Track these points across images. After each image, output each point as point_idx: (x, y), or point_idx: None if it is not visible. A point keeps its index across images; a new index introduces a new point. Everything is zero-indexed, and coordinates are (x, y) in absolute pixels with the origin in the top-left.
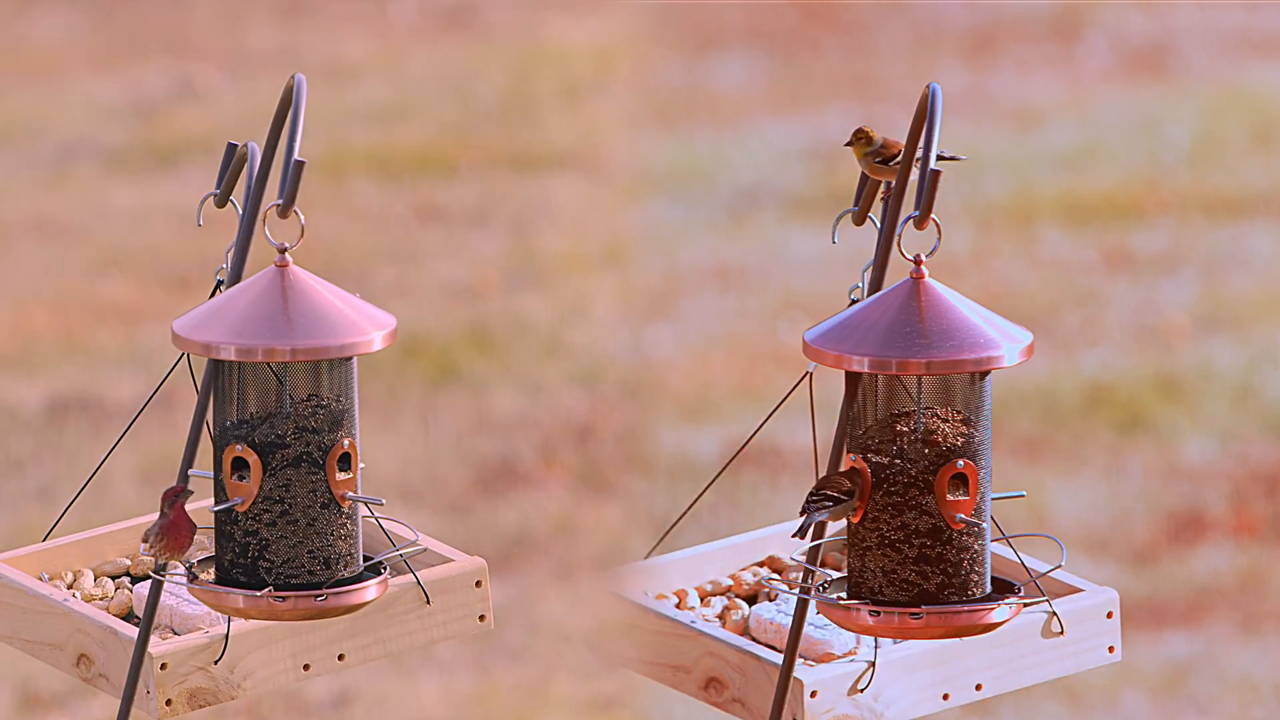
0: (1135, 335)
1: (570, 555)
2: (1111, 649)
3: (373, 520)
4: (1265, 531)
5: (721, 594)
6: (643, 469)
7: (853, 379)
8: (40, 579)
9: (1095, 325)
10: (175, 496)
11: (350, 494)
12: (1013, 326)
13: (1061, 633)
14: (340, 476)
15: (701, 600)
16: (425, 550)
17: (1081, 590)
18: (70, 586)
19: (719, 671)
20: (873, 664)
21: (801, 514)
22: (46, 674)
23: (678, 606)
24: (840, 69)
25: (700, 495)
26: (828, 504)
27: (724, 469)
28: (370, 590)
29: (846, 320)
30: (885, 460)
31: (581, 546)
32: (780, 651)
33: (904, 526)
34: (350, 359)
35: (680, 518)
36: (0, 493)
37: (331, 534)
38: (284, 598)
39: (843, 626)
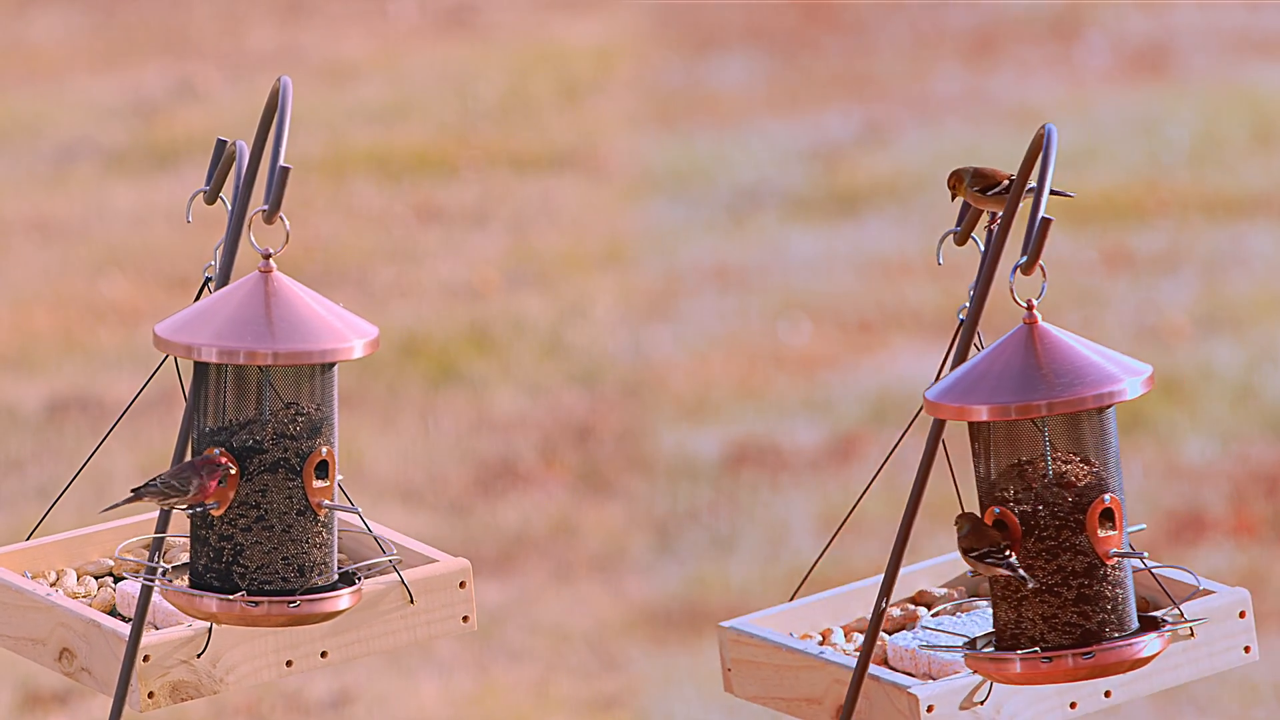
0: (1135, 335)
1: (570, 555)
2: (1248, 649)
3: (358, 527)
4: (1265, 531)
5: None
6: (643, 469)
7: (975, 428)
8: (23, 577)
9: (1095, 325)
10: (215, 467)
11: (327, 502)
12: (1130, 360)
13: (1191, 635)
14: (317, 484)
15: (846, 636)
16: (402, 561)
17: (1212, 592)
18: (53, 585)
19: (844, 698)
20: (991, 684)
21: (972, 573)
22: (46, 673)
23: (821, 644)
24: (840, 69)
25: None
26: (994, 558)
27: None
28: (343, 599)
29: (966, 374)
30: (1028, 508)
31: (581, 546)
32: (911, 675)
33: (1060, 569)
34: (332, 367)
35: (818, 558)
36: (0, 493)
37: (306, 541)
38: (257, 603)
39: (993, 679)
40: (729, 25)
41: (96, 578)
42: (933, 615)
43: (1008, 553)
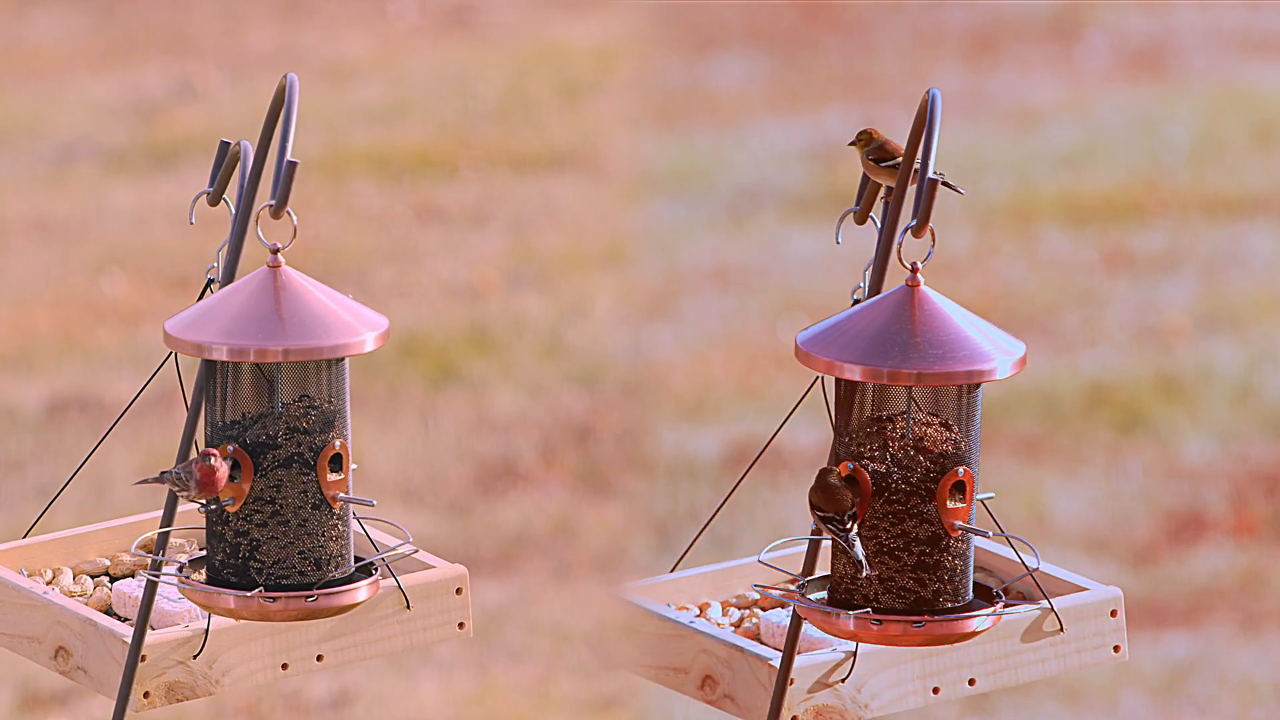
0: (1135, 335)
1: (570, 555)
2: (1117, 648)
3: (368, 521)
4: (1265, 531)
5: (748, 606)
6: (643, 469)
7: (841, 385)
8: (19, 575)
9: (1095, 325)
10: (203, 457)
11: (341, 495)
12: (1007, 338)
13: (1061, 630)
14: (331, 477)
15: (723, 611)
16: (417, 551)
17: (1086, 589)
18: (49, 583)
19: (712, 669)
20: (853, 654)
21: (833, 537)
22: (46, 673)
23: (698, 617)
24: (840, 69)
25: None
26: (846, 524)
27: (739, 481)
28: (361, 591)
29: (839, 324)
30: (883, 468)
31: (581, 546)
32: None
33: (904, 534)
34: (342, 360)
35: (695, 539)
36: (0, 493)
37: (322, 535)
38: (274, 598)
39: (826, 631)
40: (729, 25)
41: (93, 577)
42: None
43: (849, 526)
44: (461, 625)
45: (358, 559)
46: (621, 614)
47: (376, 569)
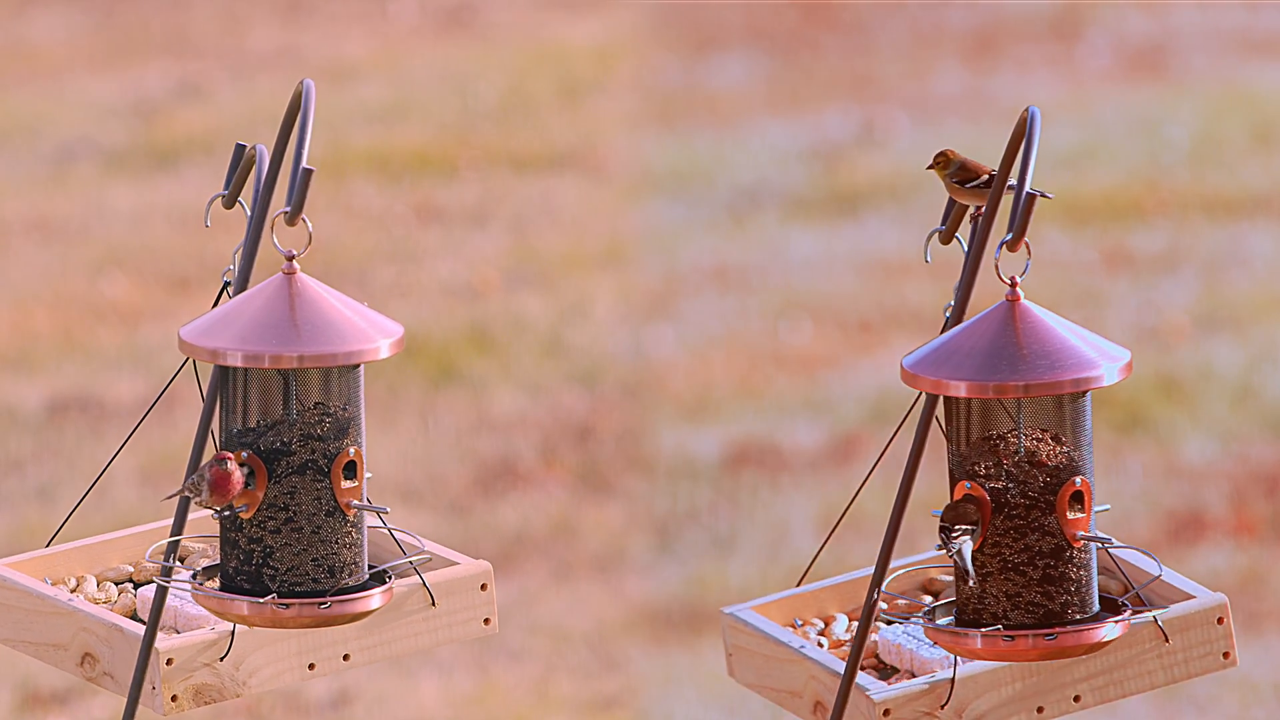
0: (1135, 335)
1: (570, 555)
2: (1226, 655)
3: (381, 529)
4: (1265, 531)
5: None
6: (643, 469)
7: (949, 403)
8: (44, 583)
9: (1094, 325)
10: (218, 461)
11: (355, 502)
12: (1110, 345)
13: (1166, 640)
14: (345, 485)
15: (848, 626)
16: (431, 559)
17: (1193, 597)
18: (74, 591)
19: (821, 696)
20: (952, 681)
21: (939, 546)
22: (46, 673)
23: (822, 633)
24: (840, 69)
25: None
26: (968, 533)
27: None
28: (374, 599)
29: (944, 345)
30: (999, 485)
31: (581, 546)
32: (899, 671)
33: (1027, 549)
34: (357, 367)
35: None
36: (0, 493)
37: (336, 542)
38: (287, 605)
39: (955, 652)
40: (729, 25)
41: (117, 583)
42: (932, 604)
43: (956, 534)
44: (487, 621)
45: (372, 566)
46: (736, 634)
47: (390, 576)
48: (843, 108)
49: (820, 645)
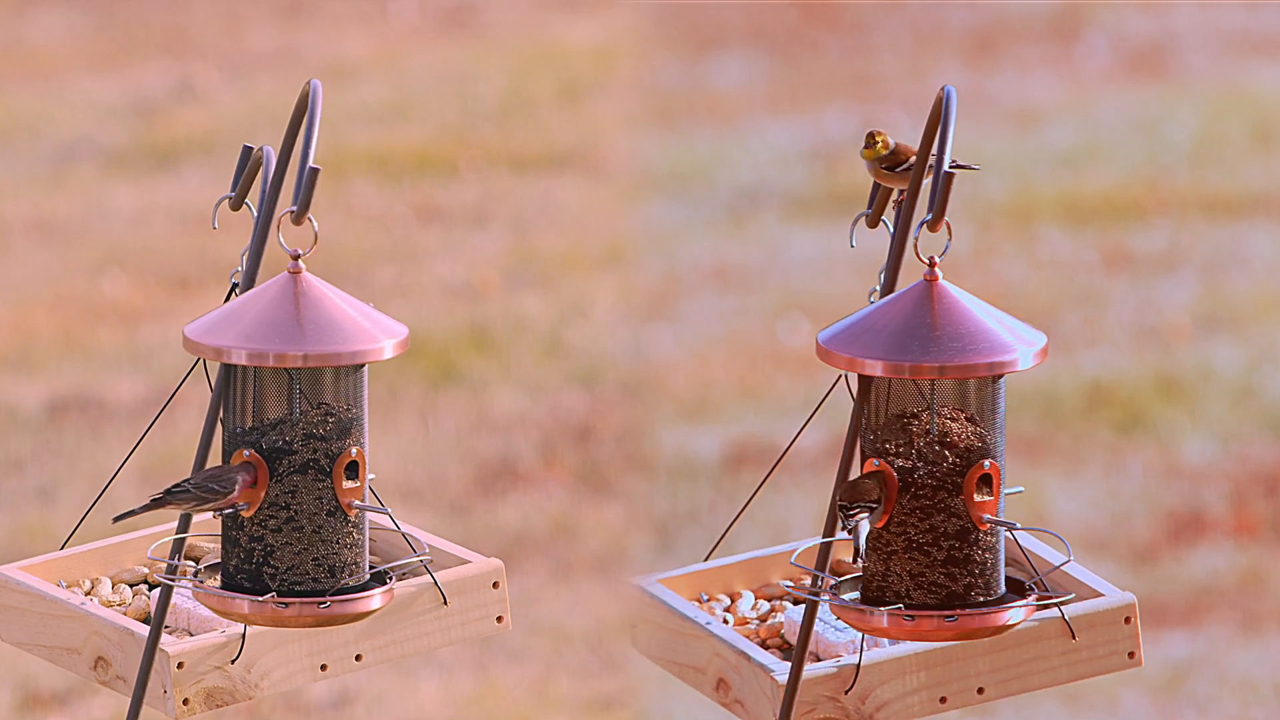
0: (1135, 335)
1: (570, 555)
2: (1132, 654)
3: (389, 528)
4: (1265, 531)
5: (779, 597)
6: (643, 469)
7: (864, 381)
8: (58, 586)
9: (1095, 325)
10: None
11: (357, 502)
12: (1027, 329)
13: (1073, 637)
14: (347, 485)
15: (753, 603)
16: (432, 560)
17: (1101, 594)
18: (88, 594)
19: (724, 673)
20: (858, 666)
21: (843, 527)
22: (47, 673)
23: (728, 609)
24: (840, 69)
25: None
26: (867, 511)
27: (761, 483)
28: (375, 599)
29: (859, 322)
30: (908, 464)
31: (581, 546)
32: (812, 654)
33: (932, 529)
34: (361, 367)
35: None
36: (0, 493)
37: (337, 542)
38: (287, 604)
39: (859, 629)
40: (729, 25)
41: (131, 585)
42: (837, 580)
43: (852, 513)
44: (500, 619)
45: (374, 566)
46: (643, 607)
47: (391, 577)
48: (843, 108)
49: (725, 622)
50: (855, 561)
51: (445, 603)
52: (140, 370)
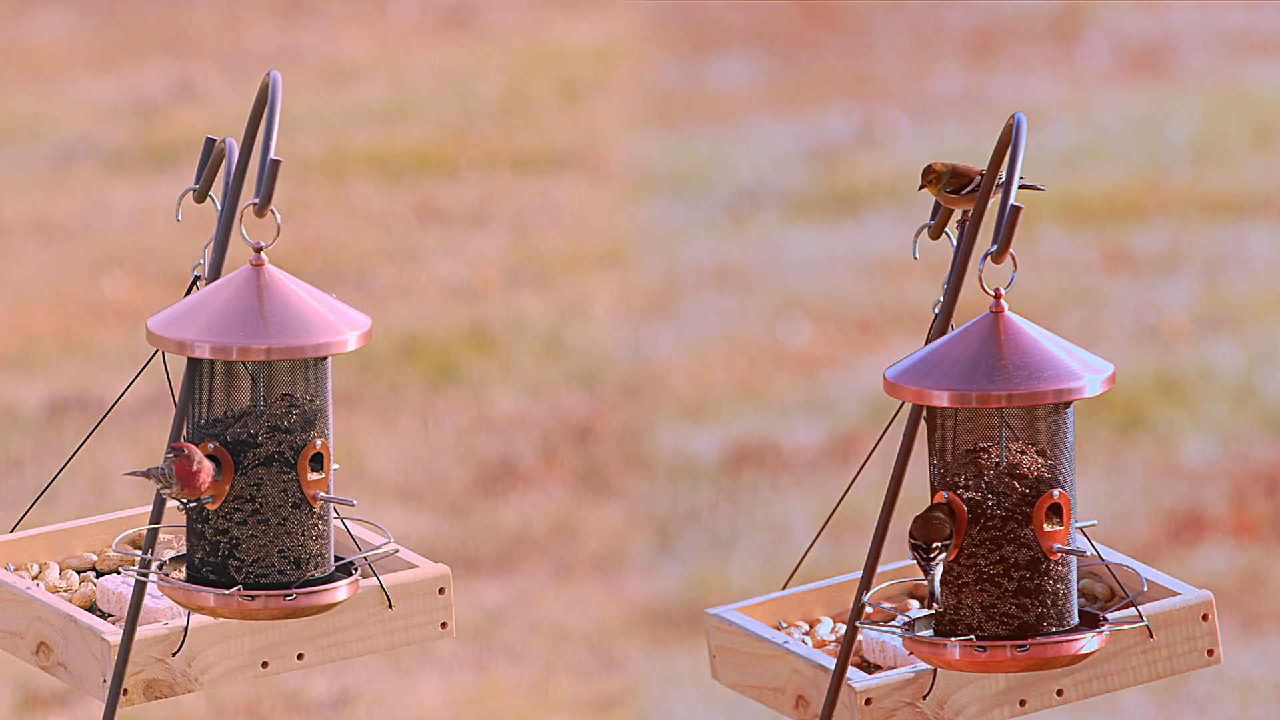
0: (1135, 335)
1: (570, 555)
2: (1210, 652)
3: (356, 523)
4: (1265, 531)
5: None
6: (643, 469)
7: (933, 414)
8: (5, 569)
9: (1095, 325)
10: (174, 453)
11: (322, 494)
12: (1093, 358)
13: (1151, 636)
14: (312, 476)
15: (832, 627)
16: (399, 551)
17: (1178, 594)
18: (35, 578)
19: (803, 689)
20: (935, 672)
21: (920, 568)
22: (46, 673)
23: (806, 634)
24: (840, 69)
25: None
26: (945, 550)
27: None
28: (340, 591)
29: (927, 357)
30: (977, 496)
31: (581, 546)
32: (882, 668)
33: (1003, 560)
34: (325, 359)
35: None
36: (0, 493)
37: (302, 534)
38: (253, 596)
39: (931, 663)
40: (729, 25)
41: (79, 572)
42: (909, 617)
43: (933, 555)
44: (444, 625)
45: (339, 558)
46: (719, 634)
47: (357, 568)
48: (843, 108)
49: (804, 644)
50: (931, 605)
51: (390, 606)
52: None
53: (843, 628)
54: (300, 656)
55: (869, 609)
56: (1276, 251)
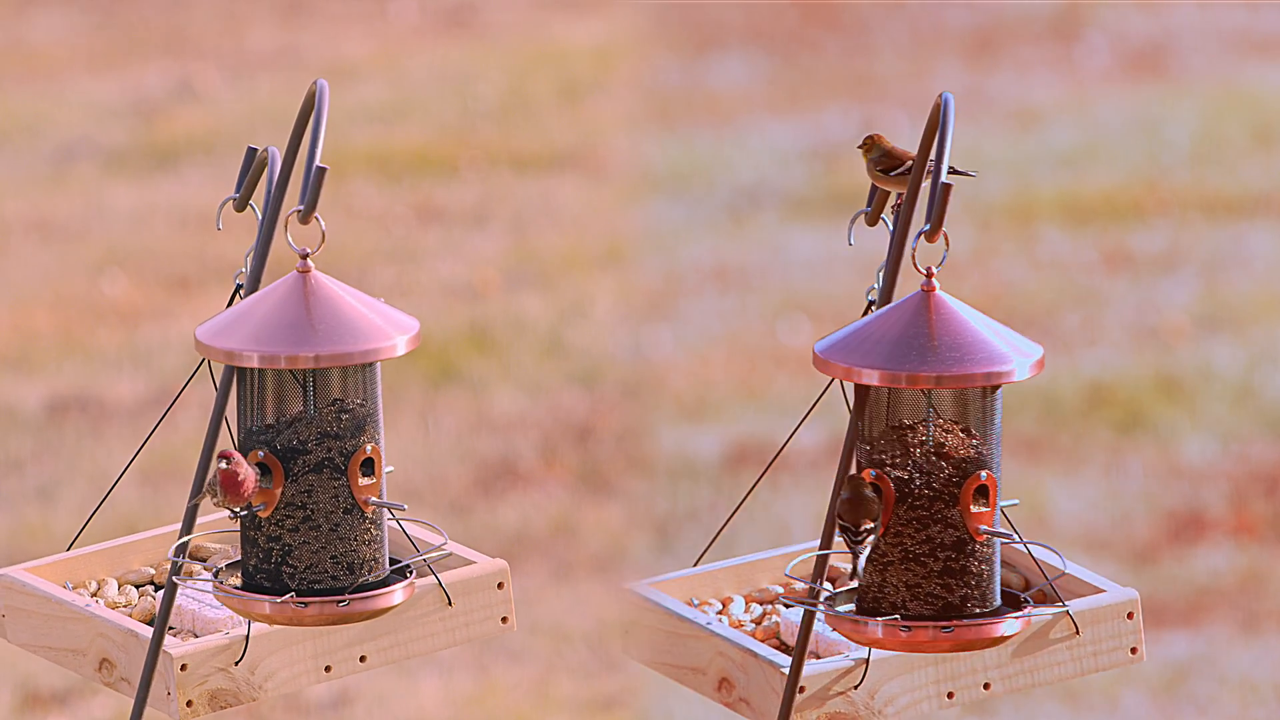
0: (1135, 335)
1: (570, 555)
2: (1134, 650)
3: (396, 524)
4: (1265, 531)
5: (771, 601)
6: (643, 469)
7: (861, 391)
8: (64, 587)
9: (1095, 325)
10: (224, 461)
11: (373, 499)
12: (1024, 340)
13: (1076, 633)
14: (363, 481)
15: (746, 607)
16: (450, 555)
17: (1103, 590)
18: (94, 595)
19: (728, 672)
20: (866, 660)
21: (848, 548)
22: (47, 673)
23: (720, 613)
24: (840, 69)
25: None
26: (871, 535)
27: (756, 483)
28: (395, 595)
29: (857, 332)
30: (905, 475)
31: (581, 546)
32: (812, 653)
33: (929, 540)
34: (374, 364)
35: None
36: (0, 493)
37: (354, 539)
38: (306, 603)
39: (854, 640)
40: (729, 25)
41: (137, 586)
42: (833, 591)
43: (861, 535)
44: (505, 620)
45: (394, 560)
46: (637, 610)
47: (412, 571)
48: (843, 108)
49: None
50: (852, 580)
51: (450, 603)
52: (140, 370)
53: (757, 608)
54: (363, 659)
55: (778, 589)
56: (1276, 251)
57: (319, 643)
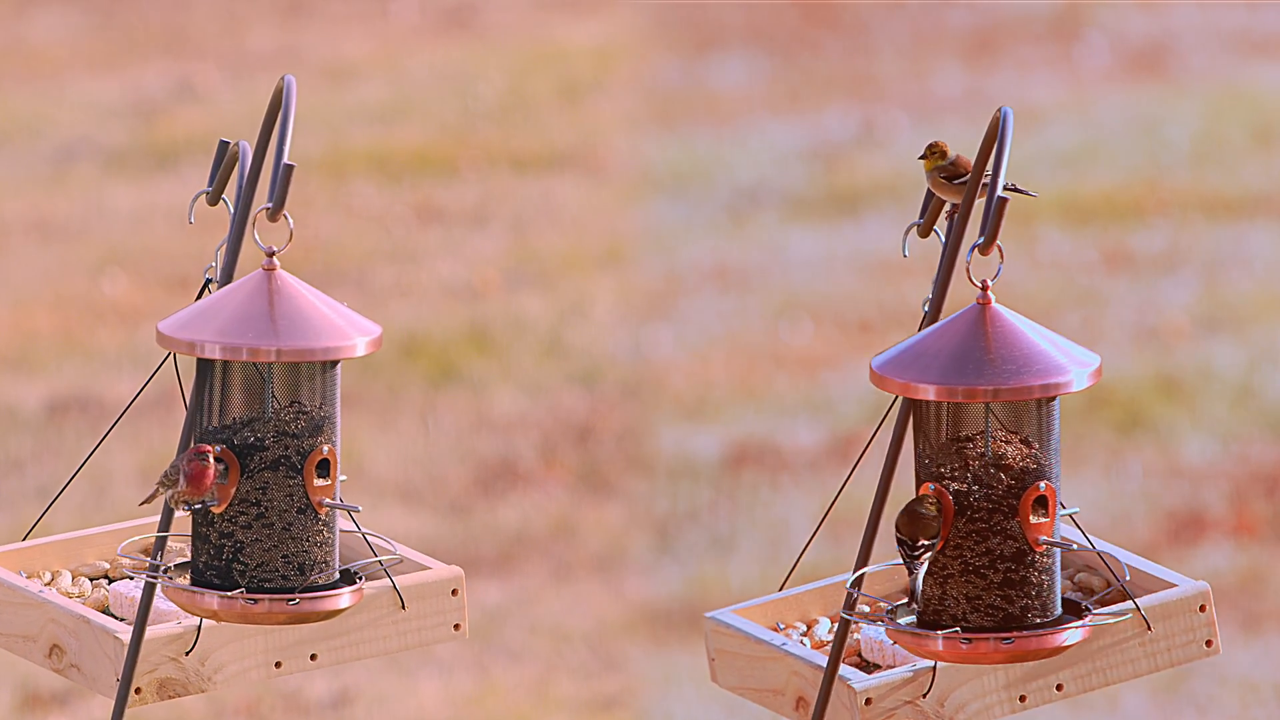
0: (1135, 335)
1: (570, 555)
2: (1209, 643)
3: (354, 530)
4: (1265, 531)
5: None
6: (643, 469)
7: (917, 406)
8: (18, 576)
9: (1095, 325)
10: (198, 455)
11: (328, 500)
12: (1080, 349)
13: (1149, 629)
14: (318, 482)
15: (830, 627)
16: (401, 561)
17: (1174, 585)
18: (48, 584)
19: (803, 691)
20: (933, 670)
21: (905, 565)
22: (47, 673)
23: (804, 635)
24: (840, 69)
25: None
26: (915, 550)
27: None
28: (344, 598)
29: (913, 347)
30: (964, 487)
31: (581, 546)
32: (881, 667)
33: (989, 552)
34: (334, 365)
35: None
36: (0, 493)
37: (307, 539)
38: (256, 600)
39: (915, 654)
40: (729, 25)
41: (91, 579)
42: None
43: (918, 552)
44: (457, 627)
45: (344, 565)
46: (718, 638)
47: (361, 577)
48: (843, 108)
49: (803, 645)
50: (910, 605)
51: (403, 607)
52: (140, 370)
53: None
54: (314, 657)
55: (864, 607)
56: (1276, 251)
57: (270, 638)
